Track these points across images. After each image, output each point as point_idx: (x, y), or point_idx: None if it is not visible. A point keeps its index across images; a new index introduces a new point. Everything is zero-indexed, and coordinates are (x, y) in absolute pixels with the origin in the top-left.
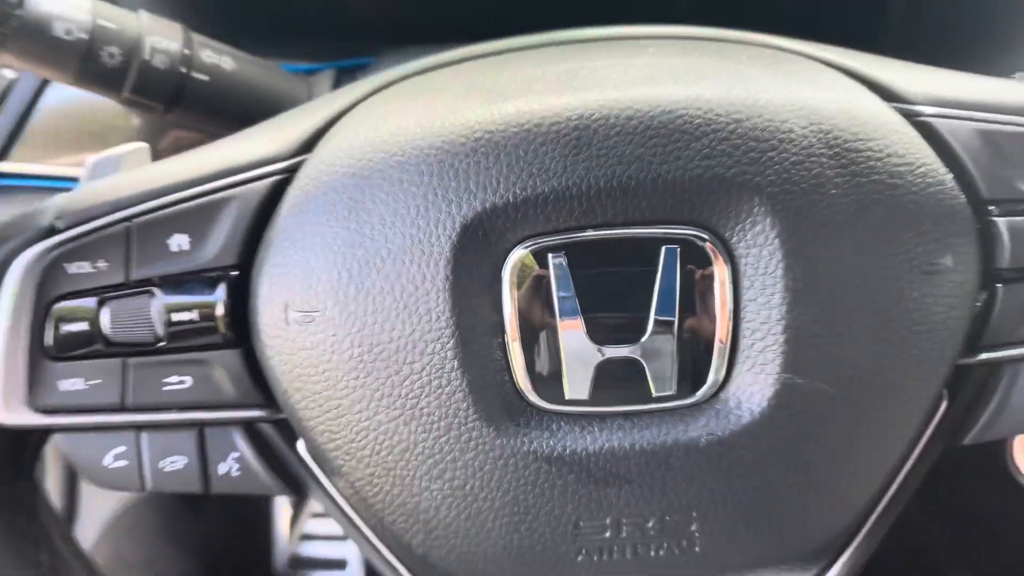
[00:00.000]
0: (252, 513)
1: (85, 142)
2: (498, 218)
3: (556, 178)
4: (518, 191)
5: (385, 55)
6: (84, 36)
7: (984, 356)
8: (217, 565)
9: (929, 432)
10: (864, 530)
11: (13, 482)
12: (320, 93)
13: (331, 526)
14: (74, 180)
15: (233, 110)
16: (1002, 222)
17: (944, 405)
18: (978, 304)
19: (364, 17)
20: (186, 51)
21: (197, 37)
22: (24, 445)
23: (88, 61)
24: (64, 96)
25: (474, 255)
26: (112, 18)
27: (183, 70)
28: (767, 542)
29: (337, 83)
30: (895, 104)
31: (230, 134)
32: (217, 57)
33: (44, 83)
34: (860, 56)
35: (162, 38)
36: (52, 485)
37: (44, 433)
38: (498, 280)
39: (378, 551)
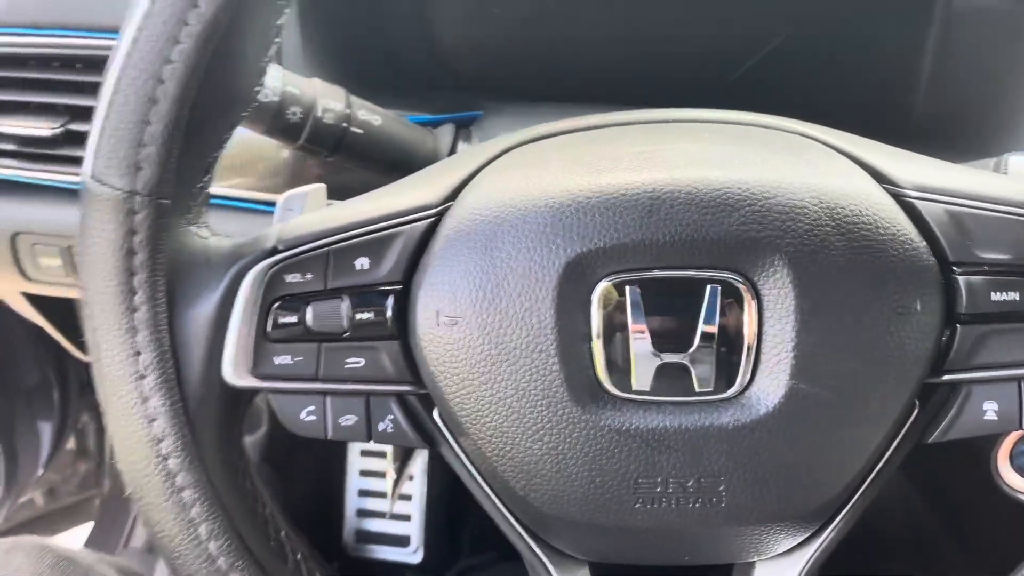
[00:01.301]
0: (327, 491)
1: (246, 168)
2: (591, 259)
3: (633, 233)
4: (606, 241)
5: (491, 109)
6: (276, 99)
7: (947, 378)
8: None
9: (904, 431)
10: (852, 501)
11: (232, 426)
12: (443, 143)
13: (398, 506)
14: (242, 200)
15: (379, 156)
16: (962, 280)
17: (916, 412)
18: (944, 338)
19: (472, 77)
20: (347, 110)
21: (355, 99)
22: (240, 402)
23: (277, 118)
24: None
25: (572, 284)
26: (295, 84)
27: (344, 125)
28: (776, 503)
29: (456, 135)
30: (886, 186)
31: (372, 171)
32: (369, 115)
33: None
34: (866, 144)
35: (330, 100)
36: None
37: (253, 394)
38: (589, 303)
39: (484, 491)
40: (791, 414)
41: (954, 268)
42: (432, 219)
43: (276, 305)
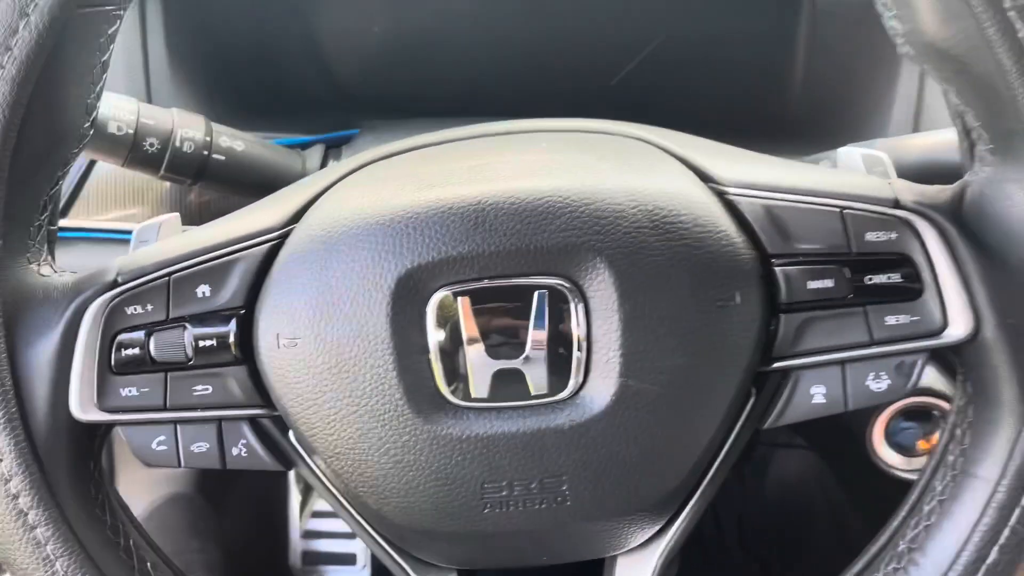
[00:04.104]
0: (270, 513)
1: (127, 200)
2: (422, 273)
3: (462, 245)
4: (436, 254)
5: (368, 127)
6: (131, 131)
7: (776, 365)
8: (239, 558)
9: (743, 418)
10: (700, 489)
11: (85, 461)
12: (312, 164)
13: (340, 525)
14: (118, 232)
15: (243, 181)
16: (779, 271)
17: (752, 399)
18: (771, 328)
19: (350, 94)
20: (207, 138)
21: (216, 126)
22: (93, 436)
23: (134, 150)
24: (110, 166)
25: (406, 298)
26: (151, 116)
27: (205, 153)
28: (621, 498)
29: (326, 155)
30: (710, 184)
31: (241, 196)
32: (231, 141)
33: None
34: (694, 144)
35: (189, 129)
36: None
37: (107, 428)
38: (423, 315)
39: (344, 507)
40: (624, 411)
41: (773, 260)
42: (273, 243)
43: (118, 338)
